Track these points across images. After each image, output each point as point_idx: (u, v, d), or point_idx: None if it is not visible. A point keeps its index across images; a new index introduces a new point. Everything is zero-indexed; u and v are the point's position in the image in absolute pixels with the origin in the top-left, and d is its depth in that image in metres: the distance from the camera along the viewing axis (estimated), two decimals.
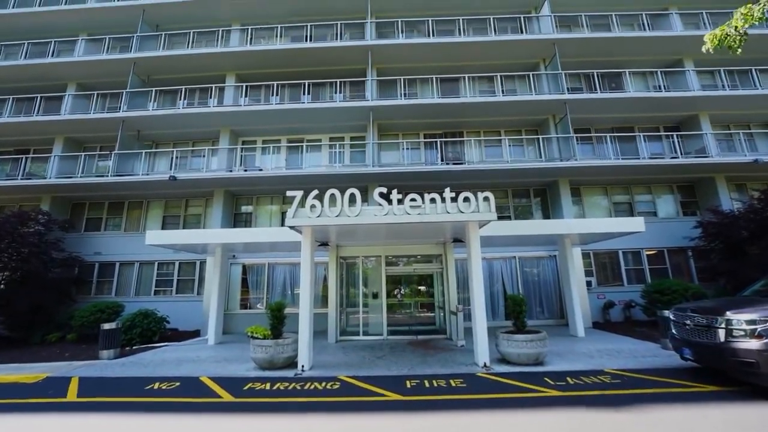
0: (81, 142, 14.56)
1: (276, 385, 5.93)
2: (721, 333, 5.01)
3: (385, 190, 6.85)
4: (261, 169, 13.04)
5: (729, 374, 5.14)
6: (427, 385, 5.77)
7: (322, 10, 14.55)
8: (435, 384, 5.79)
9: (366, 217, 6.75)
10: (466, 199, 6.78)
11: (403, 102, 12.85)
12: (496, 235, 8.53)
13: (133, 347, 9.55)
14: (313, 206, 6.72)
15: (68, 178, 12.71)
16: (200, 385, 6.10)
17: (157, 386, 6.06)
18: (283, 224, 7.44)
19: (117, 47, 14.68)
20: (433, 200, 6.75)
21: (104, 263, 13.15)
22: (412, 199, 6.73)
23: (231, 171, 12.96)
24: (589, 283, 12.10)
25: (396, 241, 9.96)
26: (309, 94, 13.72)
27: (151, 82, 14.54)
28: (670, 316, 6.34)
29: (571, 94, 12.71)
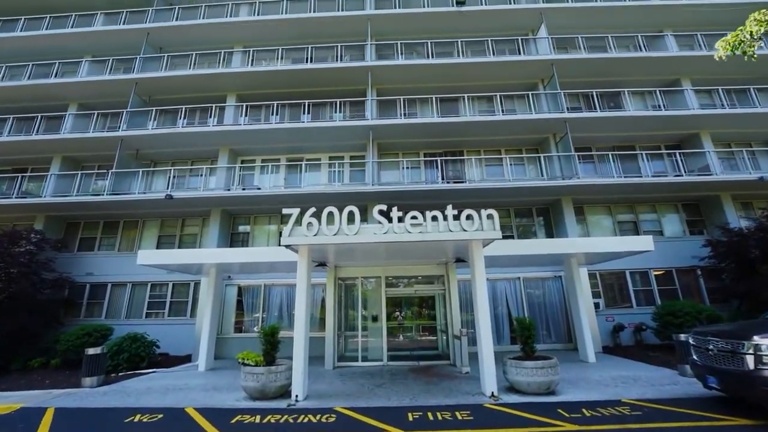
0: (79, 161, 14.46)
1: (267, 418, 5.48)
2: (749, 359, 4.62)
3: (384, 208, 6.61)
4: (259, 188, 12.87)
5: (762, 405, 4.70)
6: (431, 417, 5.32)
7: (323, 33, 14.80)
8: (439, 417, 5.33)
9: (365, 235, 6.49)
10: (469, 217, 6.53)
11: (403, 121, 12.84)
12: (500, 254, 8.21)
13: (119, 374, 9.04)
14: (309, 224, 6.48)
15: (63, 196, 12.52)
16: (185, 417, 5.64)
17: (137, 419, 5.59)
18: (281, 244, 7.17)
19: (120, 68, 14.86)
20: (434, 218, 6.50)
21: (95, 284, 12.74)
22: (413, 217, 6.48)
23: (228, 190, 12.78)
24: (597, 305, 11.65)
25: (396, 261, 9.63)
26: (309, 113, 13.75)
27: (153, 102, 14.62)
28: (689, 340, 5.95)
29: (570, 113, 12.71)
